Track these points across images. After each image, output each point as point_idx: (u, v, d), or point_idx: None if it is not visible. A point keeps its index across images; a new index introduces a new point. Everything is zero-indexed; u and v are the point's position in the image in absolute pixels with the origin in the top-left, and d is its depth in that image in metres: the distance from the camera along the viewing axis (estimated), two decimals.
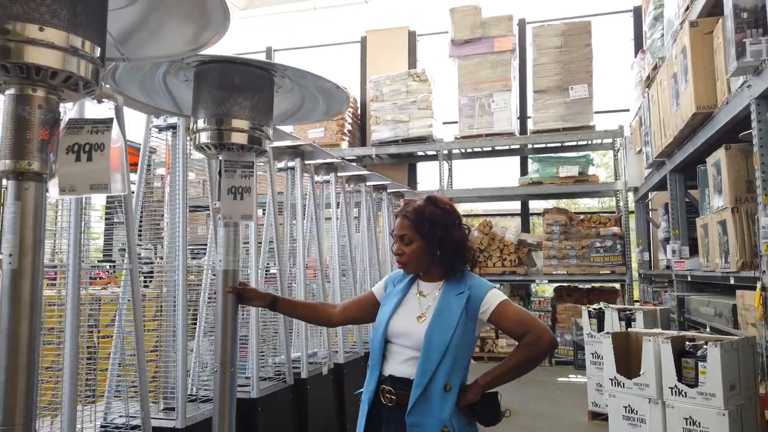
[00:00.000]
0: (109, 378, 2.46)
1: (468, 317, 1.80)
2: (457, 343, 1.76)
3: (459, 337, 1.77)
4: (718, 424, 2.96)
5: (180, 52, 1.75)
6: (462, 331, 1.78)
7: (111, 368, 2.46)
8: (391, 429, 1.76)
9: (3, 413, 1.22)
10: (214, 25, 1.54)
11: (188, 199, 2.70)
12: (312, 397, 3.38)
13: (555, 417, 5.83)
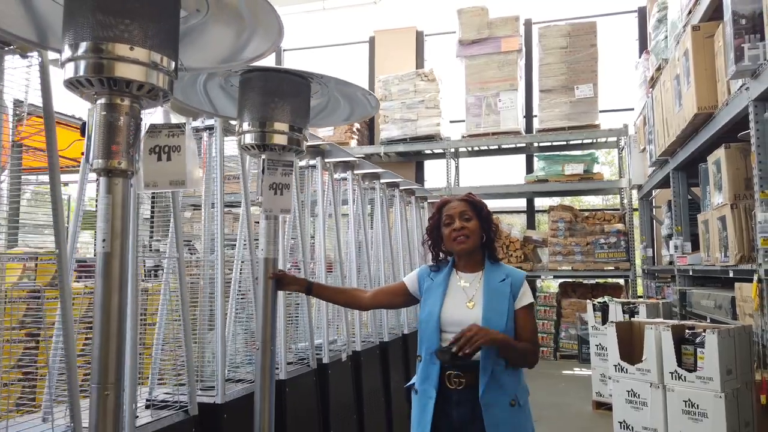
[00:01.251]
0: (154, 359, 2.67)
1: (513, 299, 2.01)
2: (511, 325, 1.98)
3: (512, 319, 1.99)
4: (715, 405, 3.16)
5: (228, 61, 1.96)
6: (512, 312, 2.00)
7: (155, 352, 2.67)
8: (462, 410, 1.94)
9: (99, 373, 1.43)
10: (268, 38, 1.75)
11: (211, 197, 2.88)
12: (333, 381, 3.61)
13: (561, 407, 6.04)
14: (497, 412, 1.92)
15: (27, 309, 2.12)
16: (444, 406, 1.97)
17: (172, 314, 2.61)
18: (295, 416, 3.11)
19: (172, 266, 2.58)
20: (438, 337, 2.02)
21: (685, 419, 3.24)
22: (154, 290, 2.97)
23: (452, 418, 1.95)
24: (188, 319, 2.42)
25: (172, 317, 2.66)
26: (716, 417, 3.14)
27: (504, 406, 1.93)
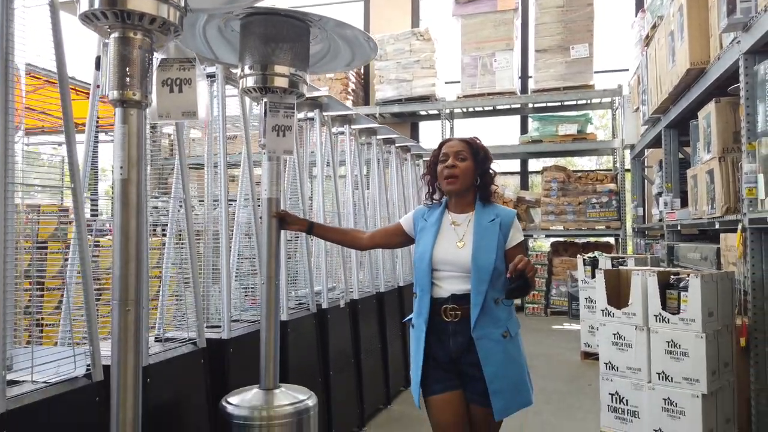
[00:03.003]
0: (160, 302, 2.78)
1: (503, 238, 2.11)
2: (500, 263, 2.08)
3: (501, 257, 2.09)
4: (696, 345, 3.32)
5: (231, 2, 2.01)
6: (502, 250, 2.10)
7: (161, 294, 2.79)
8: (459, 340, 2.07)
9: (120, 291, 1.54)
10: None
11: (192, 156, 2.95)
12: (332, 325, 3.75)
13: (550, 357, 6.26)
14: (489, 344, 2.05)
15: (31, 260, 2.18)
16: (441, 337, 2.10)
17: (178, 256, 2.71)
18: (297, 355, 3.26)
19: (176, 206, 2.66)
20: (430, 276, 2.13)
21: (668, 358, 3.40)
22: (155, 245, 3.06)
23: (449, 348, 2.08)
24: (195, 256, 2.52)
25: (177, 259, 2.77)
26: (697, 355, 3.30)
27: (496, 337, 2.06)
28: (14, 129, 1.85)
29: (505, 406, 2.02)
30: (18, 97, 1.93)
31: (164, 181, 3.12)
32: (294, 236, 3.75)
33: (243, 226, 3.45)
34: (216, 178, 2.97)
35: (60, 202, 3.48)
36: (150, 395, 2.12)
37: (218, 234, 2.89)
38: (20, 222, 2.01)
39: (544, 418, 4.26)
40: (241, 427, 2.14)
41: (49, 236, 3.25)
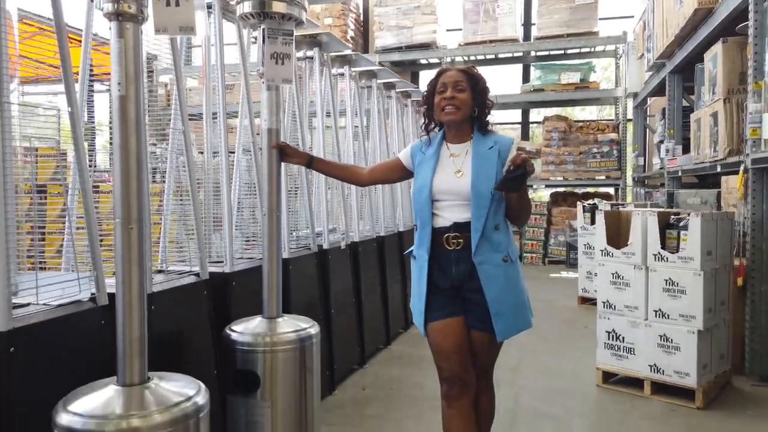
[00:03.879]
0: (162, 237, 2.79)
1: (501, 165, 2.10)
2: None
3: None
4: (694, 282, 3.36)
5: None
6: (500, 176, 2.08)
7: (163, 230, 2.79)
8: (461, 267, 2.08)
9: (122, 209, 1.53)
10: None
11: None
12: (333, 265, 3.78)
13: (548, 303, 6.34)
14: (491, 268, 2.06)
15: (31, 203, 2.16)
16: (443, 265, 2.11)
17: (178, 202, 2.71)
18: (299, 293, 3.29)
19: (177, 142, 2.63)
20: (430, 206, 2.13)
21: (665, 296, 3.44)
22: (155, 191, 3.05)
23: (451, 276, 2.10)
24: (195, 190, 2.51)
25: (177, 197, 2.76)
26: (694, 293, 3.34)
27: (497, 262, 2.07)
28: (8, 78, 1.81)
29: (507, 328, 2.05)
30: (11, 44, 1.88)
31: (162, 131, 3.07)
32: (294, 187, 3.75)
33: (243, 174, 3.44)
34: (215, 129, 2.94)
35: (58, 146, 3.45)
36: (154, 323, 2.13)
37: (218, 183, 2.88)
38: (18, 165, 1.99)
39: (541, 357, 4.34)
40: (245, 353, 2.18)
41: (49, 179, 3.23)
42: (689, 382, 3.33)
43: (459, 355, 2.08)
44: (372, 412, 3.27)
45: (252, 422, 2.15)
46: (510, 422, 3.11)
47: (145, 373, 1.55)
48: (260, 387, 2.15)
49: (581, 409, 3.33)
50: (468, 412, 2.07)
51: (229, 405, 2.20)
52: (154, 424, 1.41)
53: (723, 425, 3.09)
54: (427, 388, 3.63)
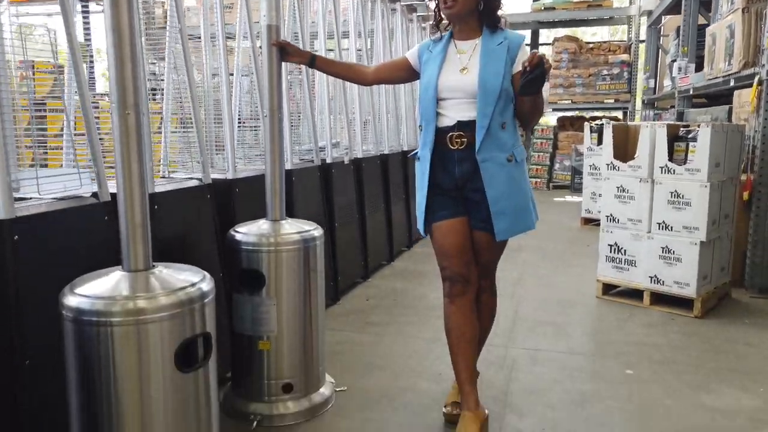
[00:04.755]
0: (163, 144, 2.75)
1: (510, 62, 2.02)
2: (506, 85, 2.00)
3: (508, 80, 2.01)
4: (699, 194, 3.34)
5: None
6: (509, 73, 2.01)
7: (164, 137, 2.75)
8: (465, 167, 2.04)
9: (117, 94, 1.49)
10: None
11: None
12: (336, 179, 3.77)
13: (551, 223, 6.36)
14: (494, 167, 2.02)
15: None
16: (447, 165, 2.08)
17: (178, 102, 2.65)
18: (302, 204, 3.29)
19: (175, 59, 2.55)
20: (435, 105, 2.07)
21: (670, 209, 3.43)
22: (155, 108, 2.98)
23: (455, 175, 2.07)
24: (195, 94, 2.45)
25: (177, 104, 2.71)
26: (699, 205, 3.32)
27: (501, 161, 2.03)
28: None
29: (507, 228, 2.03)
30: None
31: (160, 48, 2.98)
32: (297, 112, 3.68)
33: (244, 96, 3.37)
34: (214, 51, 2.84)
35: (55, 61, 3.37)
36: (157, 223, 2.14)
37: (219, 101, 2.82)
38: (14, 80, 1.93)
39: (542, 272, 4.40)
40: (250, 252, 2.20)
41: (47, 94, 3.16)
42: (688, 292, 3.38)
43: (461, 255, 2.09)
44: (375, 320, 3.35)
45: (258, 319, 2.20)
46: (510, 329, 3.18)
47: (150, 260, 1.56)
48: (265, 285, 2.18)
49: (580, 318, 3.40)
50: (469, 309, 2.10)
51: (235, 303, 2.24)
52: (159, 305, 1.44)
53: (718, 332, 3.15)
54: (430, 299, 3.70)
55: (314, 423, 2.21)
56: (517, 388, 2.49)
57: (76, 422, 1.46)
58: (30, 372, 1.58)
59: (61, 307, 1.45)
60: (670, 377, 2.60)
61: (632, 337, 3.07)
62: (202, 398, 1.55)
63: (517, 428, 2.16)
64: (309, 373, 2.29)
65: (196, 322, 1.51)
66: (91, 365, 1.41)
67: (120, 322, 1.40)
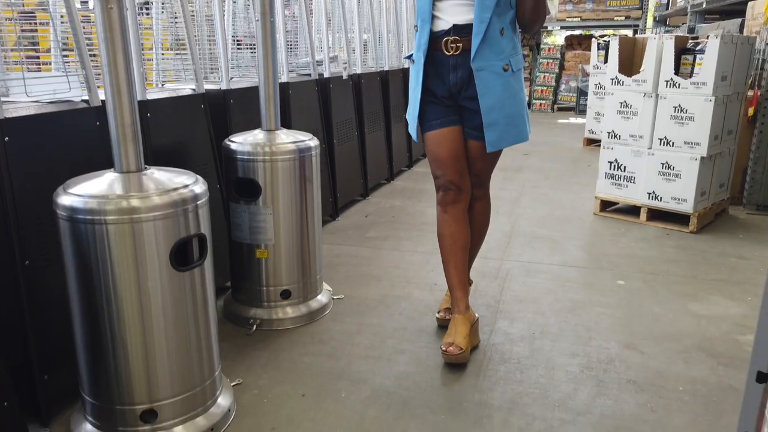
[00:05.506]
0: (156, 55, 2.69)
1: None
2: None
3: None
4: (703, 109, 3.28)
5: None
6: None
7: (155, 48, 2.68)
8: (459, 74, 1.99)
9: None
10: None
11: None
12: (334, 94, 3.70)
13: (553, 145, 6.31)
14: (489, 76, 1.96)
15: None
16: (440, 71, 2.02)
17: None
18: (299, 118, 3.25)
19: None
20: (431, 5, 1.98)
21: (672, 124, 3.38)
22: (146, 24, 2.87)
23: (449, 83, 2.02)
24: (189, 18, 2.37)
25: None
26: (702, 120, 3.27)
27: (497, 69, 1.97)
28: None
29: (499, 139, 2.00)
30: None
31: None
32: (294, 26, 3.54)
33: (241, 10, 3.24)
34: None
35: None
36: (151, 132, 2.13)
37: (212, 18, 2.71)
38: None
39: (542, 191, 4.40)
40: (245, 162, 2.19)
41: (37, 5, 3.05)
42: (685, 208, 3.39)
43: (454, 163, 2.07)
44: (373, 235, 3.39)
45: (255, 228, 2.23)
46: (506, 243, 3.22)
47: (141, 162, 1.56)
48: (261, 195, 2.19)
49: (577, 233, 3.44)
50: (462, 217, 2.11)
51: (232, 212, 2.26)
52: (152, 205, 1.45)
53: (712, 246, 3.19)
54: (428, 215, 3.73)
55: (312, 327, 2.28)
56: (509, 296, 2.55)
57: (77, 318, 1.51)
58: (29, 271, 1.61)
59: (55, 206, 1.46)
60: (660, 287, 2.65)
61: (626, 251, 3.12)
62: (199, 297, 1.59)
63: (507, 332, 2.23)
64: (307, 281, 2.34)
65: (190, 223, 1.53)
66: (89, 263, 1.44)
67: (114, 220, 1.41)
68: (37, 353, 1.64)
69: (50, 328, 1.67)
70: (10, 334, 1.60)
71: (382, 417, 1.71)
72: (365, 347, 2.12)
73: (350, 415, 1.73)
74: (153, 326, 1.50)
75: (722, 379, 1.92)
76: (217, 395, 1.70)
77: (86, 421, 1.59)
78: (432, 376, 1.93)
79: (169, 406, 1.56)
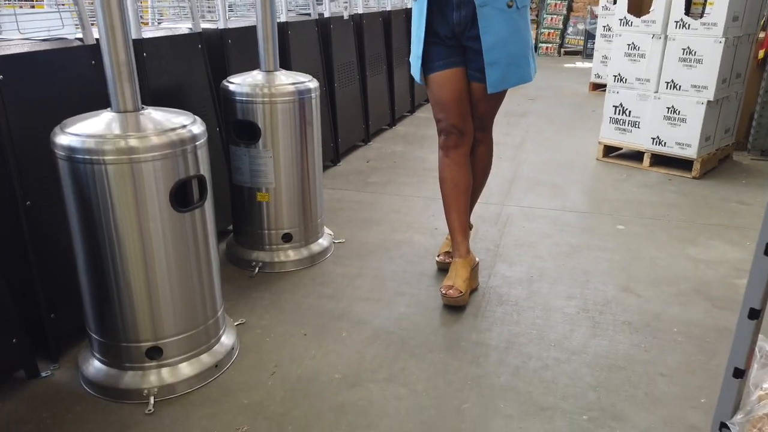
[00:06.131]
0: None
1: None
2: None
3: None
4: (712, 51, 3.20)
5: None
6: None
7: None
8: (463, 12, 1.92)
9: None
10: None
11: None
12: (335, 36, 3.61)
13: (558, 90, 6.20)
14: (492, 12, 1.90)
15: None
16: (444, 10, 1.96)
17: None
18: (299, 59, 3.19)
19: None
20: None
21: (680, 66, 3.31)
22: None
23: (452, 22, 1.96)
24: None
25: None
26: (711, 62, 3.20)
27: (500, 6, 1.91)
28: None
29: (501, 78, 1.95)
30: None
31: None
32: None
33: None
34: None
35: None
36: (148, 72, 2.09)
37: None
38: None
39: (546, 136, 4.36)
40: (244, 104, 2.16)
41: None
42: (689, 153, 3.36)
43: (457, 106, 2.04)
44: (374, 180, 3.38)
45: (255, 171, 2.22)
46: (507, 188, 3.22)
47: (138, 102, 1.53)
48: (261, 137, 2.17)
49: (579, 178, 3.42)
50: (464, 161, 2.10)
51: (232, 155, 2.25)
52: (151, 145, 1.43)
53: (713, 191, 3.18)
54: (429, 161, 3.71)
55: (313, 270, 2.31)
56: (509, 241, 2.57)
57: (80, 258, 1.52)
58: (31, 212, 1.62)
59: (53, 146, 1.45)
60: (659, 232, 2.66)
61: (627, 196, 3.11)
62: (201, 238, 1.60)
63: (505, 276, 2.26)
64: (308, 224, 2.35)
65: (189, 164, 1.52)
66: (89, 203, 1.44)
67: (113, 160, 1.40)
68: (43, 292, 1.67)
69: (55, 267, 1.69)
70: (17, 274, 1.63)
71: (382, 355, 1.76)
72: (366, 290, 2.15)
73: (350, 353, 1.77)
74: (156, 266, 1.52)
75: (717, 321, 1.96)
76: (220, 334, 1.74)
77: (93, 357, 1.64)
78: (431, 317, 1.97)
79: (174, 344, 1.60)
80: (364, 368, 1.70)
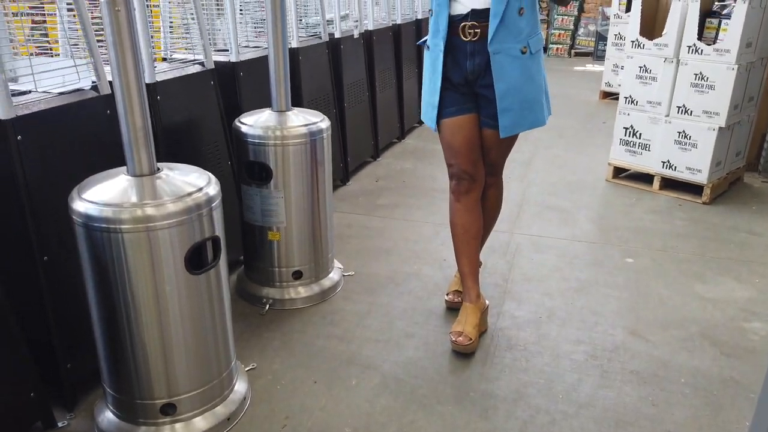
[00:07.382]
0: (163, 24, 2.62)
1: None
2: None
3: None
4: (725, 77, 3.18)
5: None
6: None
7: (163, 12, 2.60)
8: (476, 61, 1.93)
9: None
10: None
11: None
12: (345, 56, 3.61)
13: (568, 97, 6.17)
14: (506, 59, 1.90)
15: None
16: (457, 58, 1.96)
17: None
18: (310, 84, 3.19)
19: None
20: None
21: (692, 92, 3.29)
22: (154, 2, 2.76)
23: (465, 70, 1.96)
24: None
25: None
26: (723, 88, 3.18)
27: (514, 53, 1.91)
28: None
29: (514, 123, 1.95)
30: None
31: None
32: None
33: None
34: None
35: None
36: (162, 114, 2.11)
37: None
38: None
39: (554, 152, 4.35)
40: (256, 146, 2.18)
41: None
42: (699, 179, 3.35)
43: (469, 152, 2.05)
44: (384, 202, 3.40)
45: (267, 211, 2.24)
46: (516, 213, 3.23)
47: (154, 164, 1.56)
48: (272, 178, 2.19)
49: (588, 202, 3.42)
50: (475, 206, 2.11)
51: (244, 194, 2.27)
52: (167, 213, 1.46)
53: (724, 219, 3.18)
54: (439, 180, 3.72)
55: (323, 306, 2.34)
56: (517, 275, 2.58)
57: (96, 317, 1.55)
58: (48, 268, 1.65)
59: (71, 211, 1.48)
60: (669, 266, 2.67)
61: (637, 223, 3.11)
62: (215, 296, 1.63)
63: (514, 316, 2.28)
64: (318, 261, 2.38)
65: (204, 227, 1.54)
66: (105, 267, 1.47)
67: (130, 229, 1.43)
68: (60, 343, 1.70)
69: (71, 317, 1.72)
70: (35, 325, 1.66)
71: (391, 406, 1.79)
72: (375, 330, 2.18)
73: (360, 403, 1.80)
74: (170, 326, 1.55)
75: (723, 370, 1.97)
76: (233, 383, 1.78)
77: (108, 409, 1.67)
78: (440, 363, 1.99)
79: (188, 400, 1.63)
80: (373, 421, 1.73)
